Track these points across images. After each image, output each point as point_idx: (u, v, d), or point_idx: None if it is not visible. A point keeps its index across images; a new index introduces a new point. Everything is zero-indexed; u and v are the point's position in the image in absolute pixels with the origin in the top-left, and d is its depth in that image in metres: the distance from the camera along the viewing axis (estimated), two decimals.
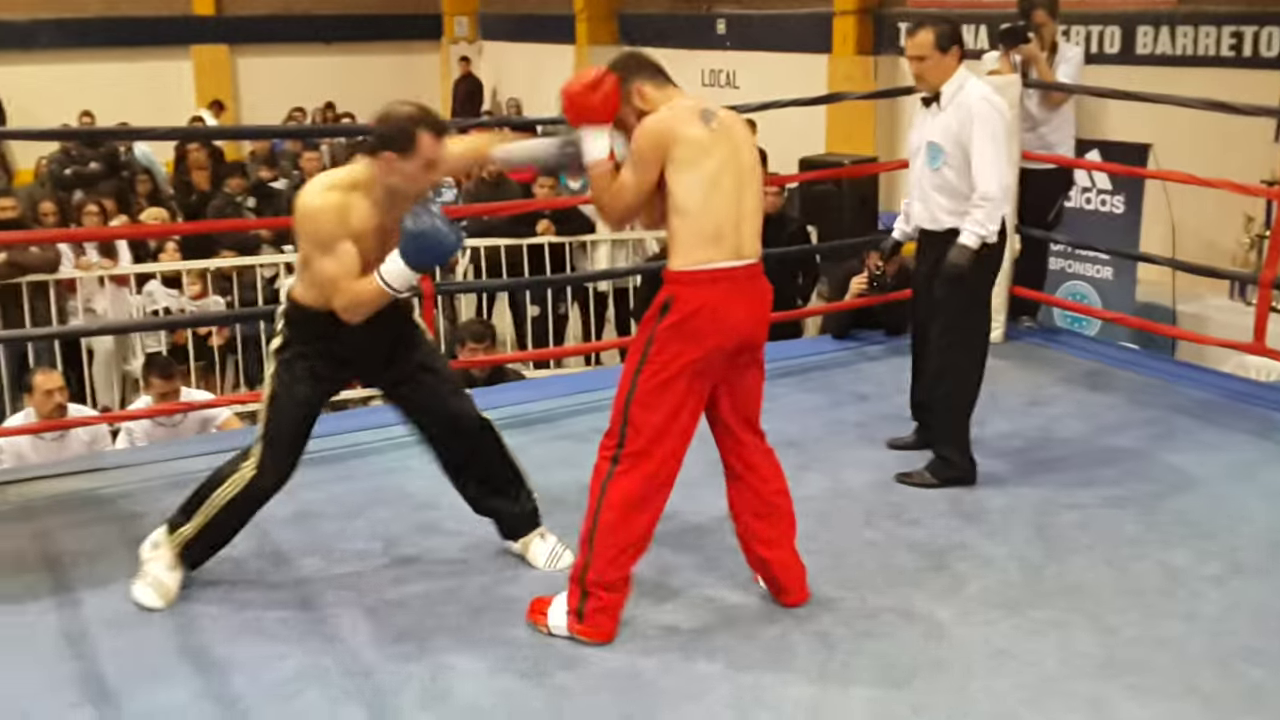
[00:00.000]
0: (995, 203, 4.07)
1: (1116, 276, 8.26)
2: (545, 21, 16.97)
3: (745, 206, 3.18)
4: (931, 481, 4.26)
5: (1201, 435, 4.67)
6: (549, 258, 8.28)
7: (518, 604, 3.45)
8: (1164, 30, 9.60)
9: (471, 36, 18.81)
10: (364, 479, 4.36)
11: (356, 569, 3.69)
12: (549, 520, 3.89)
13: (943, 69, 4.19)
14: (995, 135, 4.10)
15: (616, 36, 15.95)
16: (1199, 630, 3.29)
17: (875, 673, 3.12)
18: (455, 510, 4.06)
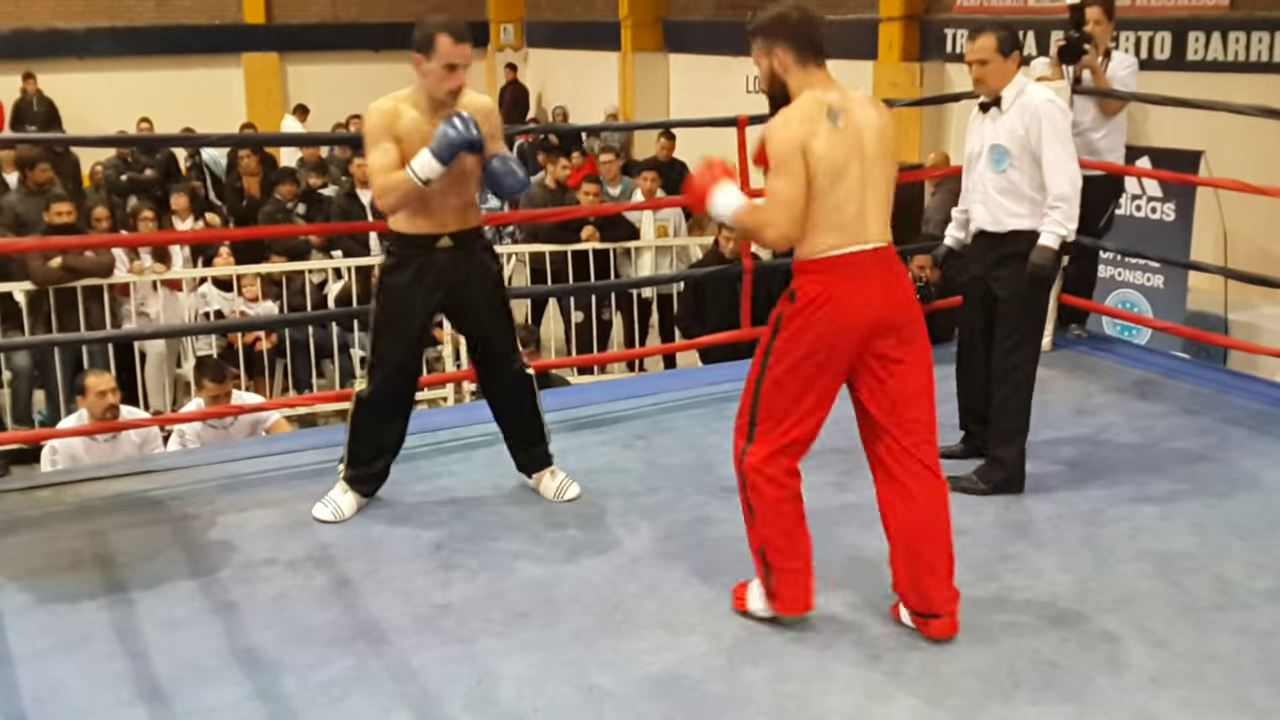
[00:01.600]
0: (1070, 202, 4.10)
1: (1167, 285, 8.18)
2: (590, 29, 17.03)
3: (869, 194, 3.18)
4: (981, 487, 4.23)
5: (1254, 445, 4.61)
6: (593, 264, 8.31)
7: (562, 608, 3.47)
8: (1215, 36, 9.48)
9: (517, 44, 18.91)
10: (411, 483, 4.39)
11: (404, 572, 3.71)
12: (595, 526, 3.92)
13: (1004, 73, 4.22)
14: (1063, 136, 4.14)
15: (661, 43, 15.98)
16: (1251, 644, 3.24)
17: (920, 683, 3.10)
18: (500, 514, 4.10)
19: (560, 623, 3.40)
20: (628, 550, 3.82)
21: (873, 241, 3.19)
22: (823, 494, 4.19)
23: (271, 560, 3.79)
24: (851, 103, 3.20)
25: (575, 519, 4.05)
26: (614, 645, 3.29)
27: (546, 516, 4.07)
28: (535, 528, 4.00)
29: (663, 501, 4.19)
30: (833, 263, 3.17)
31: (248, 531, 3.99)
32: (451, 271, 3.95)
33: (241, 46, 17.87)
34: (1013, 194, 4.21)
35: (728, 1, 14.72)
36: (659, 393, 5.30)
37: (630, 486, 4.33)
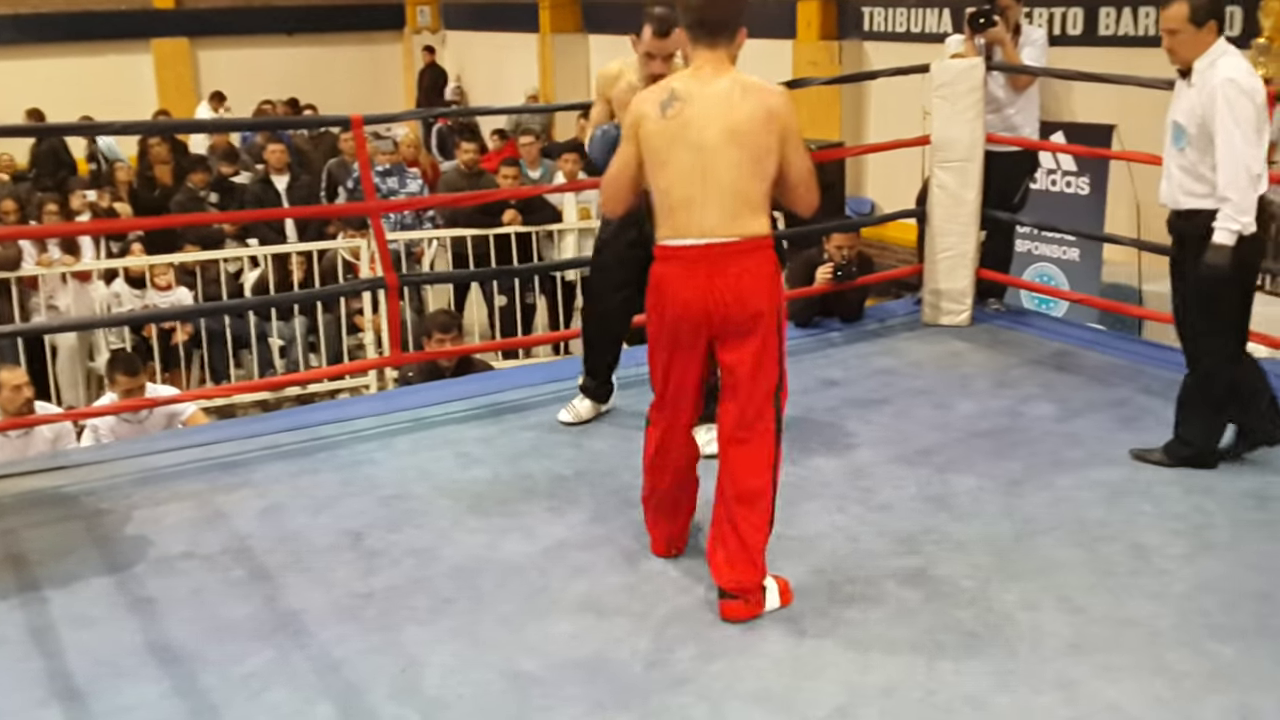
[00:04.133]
0: (1243, 193, 3.87)
1: (1083, 258, 8.30)
2: (508, 10, 16.88)
3: (708, 188, 3.17)
4: (1165, 460, 4.20)
5: (1168, 415, 4.66)
6: (516, 247, 8.25)
7: (487, 593, 3.44)
8: (1126, 10, 9.62)
9: (434, 26, 18.69)
10: (331, 471, 4.33)
11: (325, 562, 3.66)
12: (521, 511, 3.90)
13: (1196, 43, 3.99)
14: (1241, 118, 3.87)
15: (580, 24, 15.89)
16: (1168, 609, 3.31)
17: (846, 657, 3.12)
18: (423, 502, 4.06)
19: (485, 609, 3.38)
20: (554, 534, 3.80)
21: (705, 237, 3.17)
22: None
23: (188, 554, 3.71)
24: (701, 94, 3.17)
25: (500, 504, 4.02)
26: (540, 629, 3.27)
27: (471, 502, 4.04)
28: (459, 514, 3.96)
29: (589, 484, 4.17)
30: (663, 252, 3.26)
31: (164, 526, 3.91)
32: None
33: (151, 31, 17.44)
34: (1191, 173, 4.02)
35: None
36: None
37: (556, 470, 4.30)
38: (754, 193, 3.20)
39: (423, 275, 8.14)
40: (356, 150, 5.37)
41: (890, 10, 11.65)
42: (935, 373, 5.27)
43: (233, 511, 4.02)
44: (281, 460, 4.44)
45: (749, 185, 3.19)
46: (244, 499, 4.11)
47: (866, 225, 8.38)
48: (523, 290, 8.40)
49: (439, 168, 11.28)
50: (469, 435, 4.63)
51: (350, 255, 8.04)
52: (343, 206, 8.99)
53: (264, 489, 4.19)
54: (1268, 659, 3.06)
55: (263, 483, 4.25)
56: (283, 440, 4.61)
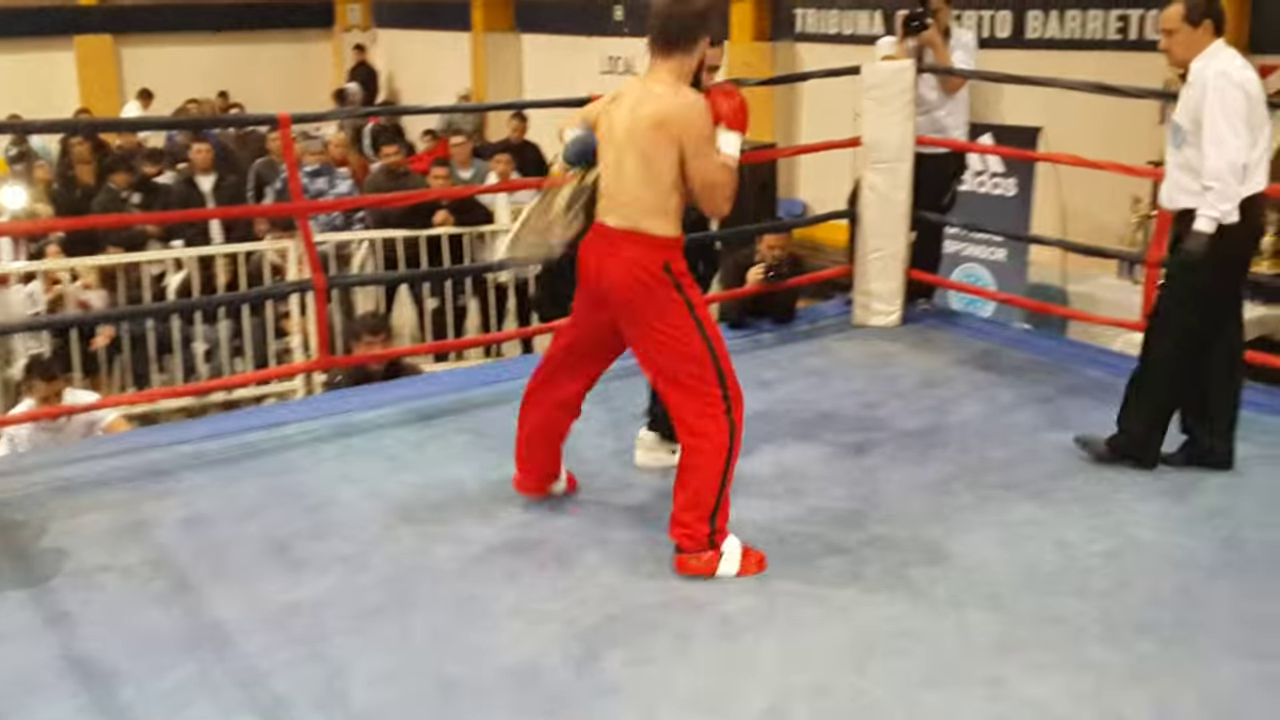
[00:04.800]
0: (1225, 182, 3.84)
1: (1010, 258, 8.42)
2: (439, 8, 16.75)
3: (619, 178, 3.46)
4: (1103, 452, 4.22)
5: (1093, 414, 4.75)
6: (447, 249, 8.18)
7: (416, 602, 3.40)
8: (1053, 14, 9.77)
9: (364, 24, 18.49)
10: (256, 479, 4.26)
11: (249, 572, 3.59)
12: (450, 517, 3.86)
13: (1192, 43, 3.96)
14: (1229, 111, 3.84)
15: (513, 23, 15.80)
16: (1090, 605, 3.35)
17: (778, 657, 3.12)
18: (350, 509, 4.00)
19: (414, 617, 3.33)
20: (483, 540, 3.76)
21: (608, 221, 3.49)
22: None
23: (107, 566, 3.62)
24: (627, 97, 3.46)
25: (430, 510, 3.98)
26: (470, 638, 3.23)
27: (399, 510, 3.99)
28: (388, 521, 3.91)
29: None
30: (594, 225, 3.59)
31: (82, 537, 3.81)
32: None
33: (74, 28, 17.05)
34: (1188, 170, 3.98)
35: None
36: (516, 378, 5.19)
37: (487, 475, 4.26)
38: (646, 194, 3.42)
39: (351, 277, 8.04)
40: (283, 150, 5.27)
41: (822, 12, 11.73)
42: (866, 373, 5.30)
43: (154, 521, 3.93)
44: (205, 468, 4.36)
45: (643, 186, 3.42)
46: (166, 508, 4.03)
47: (798, 226, 8.43)
48: (454, 292, 8.32)
49: (369, 168, 11.15)
50: (398, 440, 4.58)
51: (277, 257, 7.92)
52: (269, 207, 8.86)
53: (187, 498, 4.11)
54: (1188, 654, 3.11)
55: (186, 491, 4.16)
56: (207, 447, 4.53)
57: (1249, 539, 3.72)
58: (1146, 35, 9.11)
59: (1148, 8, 9.07)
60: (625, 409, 4.61)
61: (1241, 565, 3.57)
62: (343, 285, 7.71)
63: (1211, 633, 3.21)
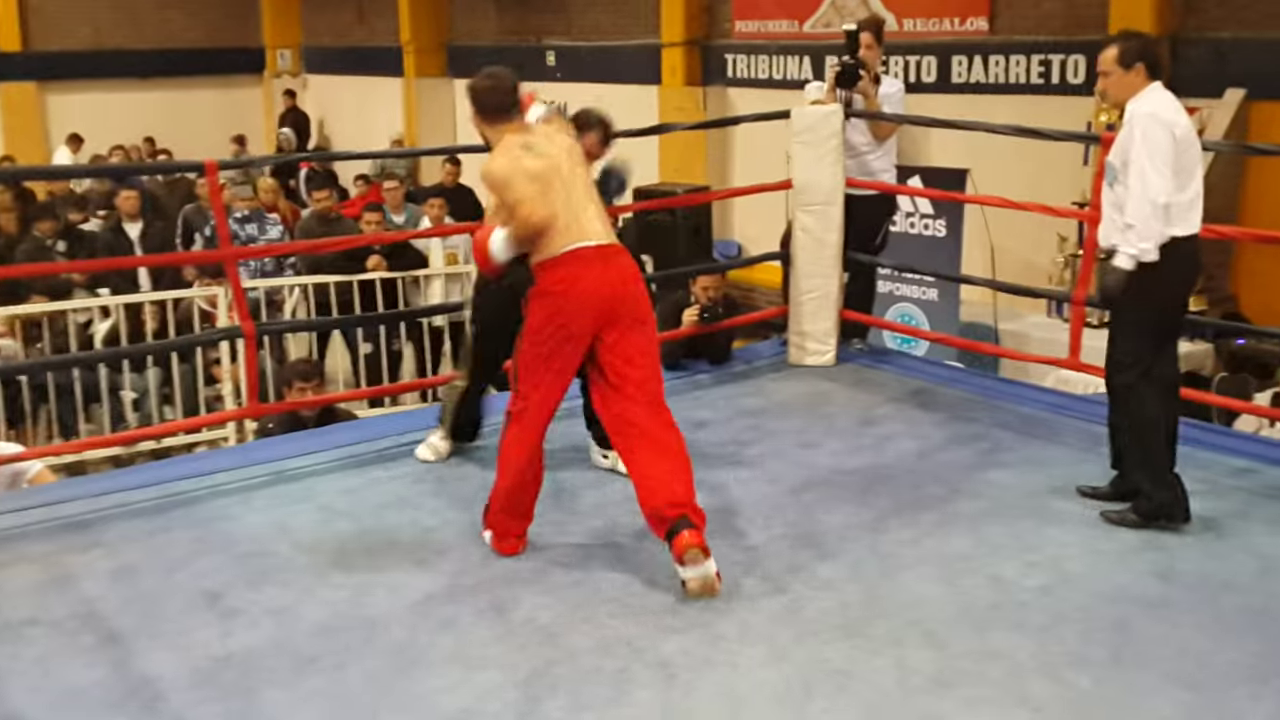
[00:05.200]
0: (1145, 221, 3.89)
1: (941, 298, 8.54)
2: (371, 54, 16.74)
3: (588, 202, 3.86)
4: (1133, 520, 4.07)
5: (1025, 450, 4.83)
6: (381, 294, 8.13)
7: (352, 651, 3.35)
8: (977, 59, 9.98)
9: (295, 70, 18.42)
10: (186, 529, 4.18)
11: (179, 625, 3.51)
12: (386, 564, 3.81)
13: (1125, 85, 4.05)
14: (1153, 151, 3.90)
15: (445, 69, 15.84)
16: (1027, 640, 3.37)
17: (715, 701, 3.10)
18: (284, 558, 3.94)
19: (350, 667, 3.28)
20: (420, 587, 3.72)
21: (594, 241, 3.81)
22: (609, 512, 4.19)
23: (34, 620, 3.53)
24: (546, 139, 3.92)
25: (365, 558, 3.92)
26: (407, 687, 3.19)
27: (334, 557, 3.93)
28: (322, 569, 3.85)
29: (456, 534, 4.09)
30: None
31: (7, 591, 3.72)
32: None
33: None
34: (1119, 209, 4.03)
35: (512, 27, 14.71)
36: None
37: (423, 521, 4.22)
38: (602, 212, 3.91)
39: (283, 324, 7.94)
40: (211, 197, 5.22)
41: (753, 57, 11.89)
42: (801, 413, 5.33)
43: (81, 574, 3.84)
44: (134, 518, 4.27)
45: (598, 206, 3.92)
46: (93, 560, 3.94)
47: (733, 268, 8.48)
48: (388, 337, 8.27)
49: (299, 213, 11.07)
50: (332, 487, 4.52)
51: (207, 304, 7.82)
52: (197, 254, 8.74)
53: (115, 549, 4.02)
54: (1123, 688, 3.14)
55: (114, 542, 4.07)
56: (135, 497, 4.44)
57: (1182, 571, 3.77)
58: (1068, 80, 9.34)
59: (1068, 53, 9.31)
60: (559, 454, 4.58)
61: (1175, 598, 3.62)
62: (273, 332, 7.63)
63: (1147, 666, 3.24)
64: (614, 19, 13.40)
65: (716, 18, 12.30)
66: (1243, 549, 3.91)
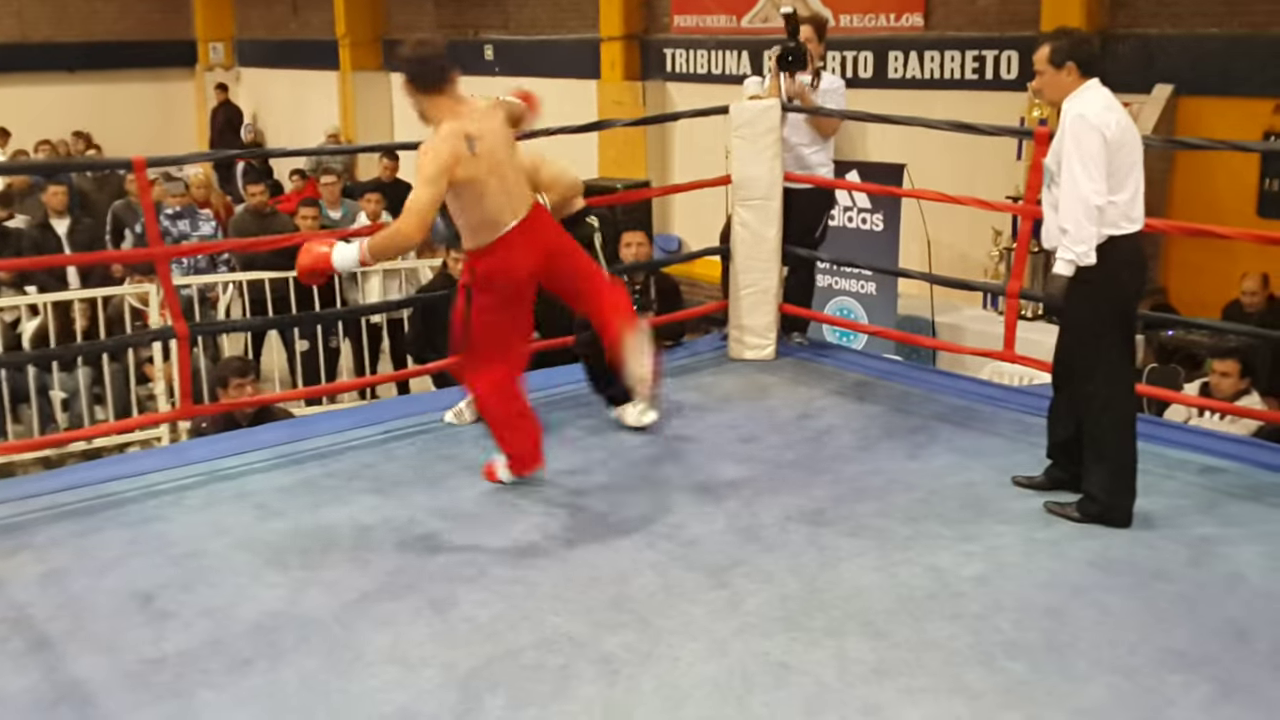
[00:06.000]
0: (1078, 224, 3.86)
1: (879, 291, 8.60)
2: (306, 47, 16.55)
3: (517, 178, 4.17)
4: (1075, 517, 4.06)
5: (961, 441, 4.87)
6: (317, 291, 8.03)
7: (287, 651, 3.31)
8: (913, 55, 10.08)
9: (228, 63, 18.17)
10: (118, 530, 4.10)
11: (111, 627, 3.45)
12: (322, 563, 3.78)
13: (1057, 85, 4.00)
14: (1082, 153, 3.86)
15: (381, 62, 15.70)
16: (964, 629, 3.41)
17: (657, 696, 3.10)
18: (219, 557, 3.88)
19: (285, 667, 3.24)
20: (357, 586, 3.68)
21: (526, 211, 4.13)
22: (550, 510, 4.18)
23: None
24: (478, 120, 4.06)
25: (301, 557, 3.88)
26: (344, 686, 3.15)
27: (269, 557, 3.88)
28: (257, 569, 3.80)
29: (393, 532, 4.06)
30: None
31: None
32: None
33: None
34: (1056, 210, 4.00)
35: (449, 20, 14.61)
36: (389, 420, 5.15)
37: (360, 519, 4.18)
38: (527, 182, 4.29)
39: (217, 324, 7.83)
40: (140, 194, 5.12)
41: (691, 52, 11.91)
42: (742, 406, 5.34)
43: (9, 578, 3.76)
44: (64, 521, 4.19)
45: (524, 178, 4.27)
46: (22, 564, 3.85)
47: (673, 263, 8.50)
48: (326, 335, 8.17)
49: (233, 208, 10.91)
50: (267, 486, 4.46)
51: (138, 302, 7.68)
52: (127, 253, 8.58)
53: (44, 552, 3.94)
54: (1057, 674, 3.18)
55: (43, 546, 3.99)
56: (65, 499, 4.35)
57: (1116, 560, 3.82)
58: (1002, 75, 9.46)
59: (1002, 49, 9.43)
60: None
61: (1108, 586, 3.67)
62: (207, 332, 7.51)
63: (1081, 653, 3.28)
64: (552, 13, 13.35)
65: (655, 12, 12.30)
66: (1175, 538, 3.97)
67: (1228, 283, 7.63)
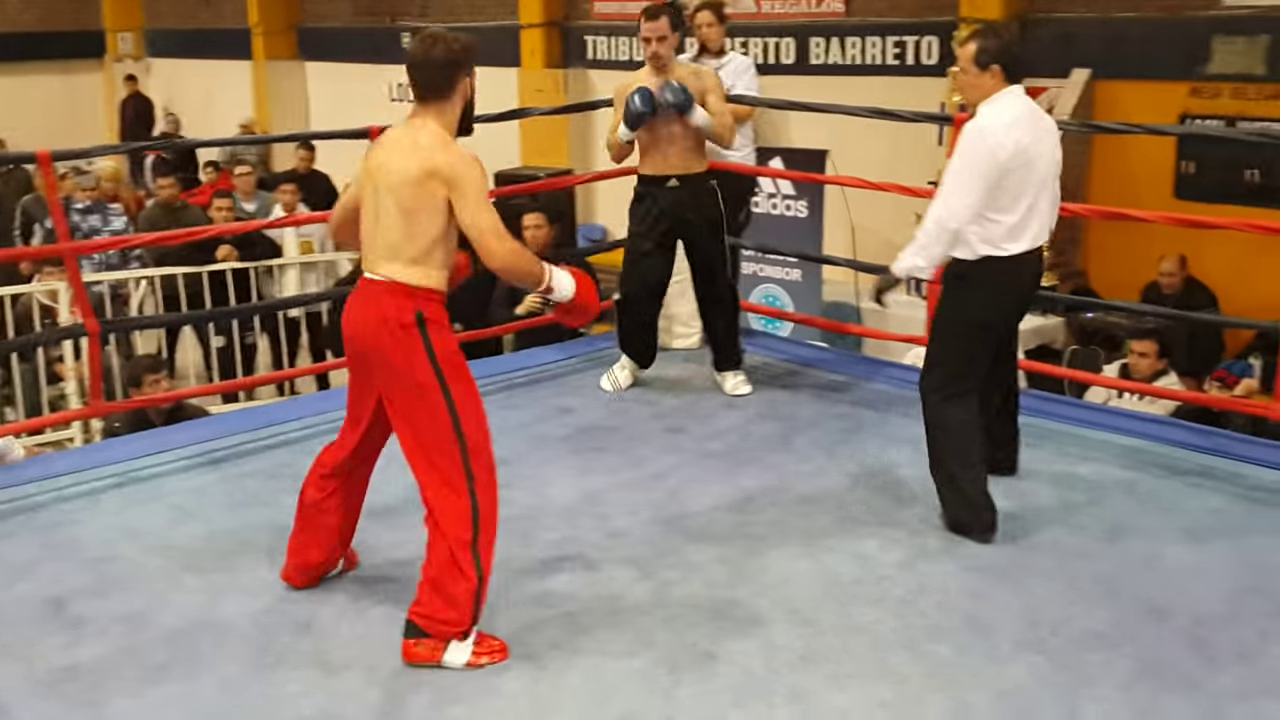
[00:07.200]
0: (929, 235, 3.74)
1: (805, 278, 8.62)
2: (218, 37, 16.20)
3: (377, 226, 3.23)
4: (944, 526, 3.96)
5: (886, 427, 4.90)
6: (233, 285, 7.87)
7: (205, 656, 3.23)
8: (834, 41, 10.12)
9: (138, 54, 17.72)
10: (29, 534, 3.98)
11: (22, 635, 3.35)
12: (241, 566, 3.70)
13: (978, 87, 3.79)
14: (968, 167, 3.68)
15: (296, 51, 15.43)
16: (889, 614, 3.42)
17: (586, 689, 3.08)
18: (134, 563, 3.79)
19: (203, 673, 3.16)
20: (276, 588, 3.60)
21: (370, 272, 3.25)
22: None
23: None
24: (392, 144, 3.26)
25: (218, 560, 3.79)
26: (264, 691, 3.09)
27: (186, 560, 3.78)
28: (174, 573, 3.70)
29: None
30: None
31: None
32: (676, 205, 5.13)
33: None
34: None
35: (365, 8, 14.40)
36: (308, 416, 5.05)
37: (279, 519, 4.06)
38: (405, 244, 3.18)
39: (130, 320, 7.62)
40: (46, 190, 4.97)
41: (612, 39, 11.86)
42: (668, 396, 5.32)
43: None
44: None
45: (399, 236, 3.19)
46: None
47: (598, 252, 8.44)
48: (242, 330, 8.01)
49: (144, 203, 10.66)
50: (183, 487, 4.35)
51: (47, 298, 7.46)
52: (34, 250, 8.32)
53: None
54: (980, 656, 3.21)
55: None
56: None
57: (1037, 542, 3.87)
58: (922, 61, 9.53)
59: (922, 35, 9.50)
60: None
61: (1029, 565, 3.71)
62: (119, 330, 7.32)
63: (1003, 634, 3.32)
64: (470, 0, 13.21)
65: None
66: (1095, 518, 4.03)
67: (1146, 265, 7.76)
